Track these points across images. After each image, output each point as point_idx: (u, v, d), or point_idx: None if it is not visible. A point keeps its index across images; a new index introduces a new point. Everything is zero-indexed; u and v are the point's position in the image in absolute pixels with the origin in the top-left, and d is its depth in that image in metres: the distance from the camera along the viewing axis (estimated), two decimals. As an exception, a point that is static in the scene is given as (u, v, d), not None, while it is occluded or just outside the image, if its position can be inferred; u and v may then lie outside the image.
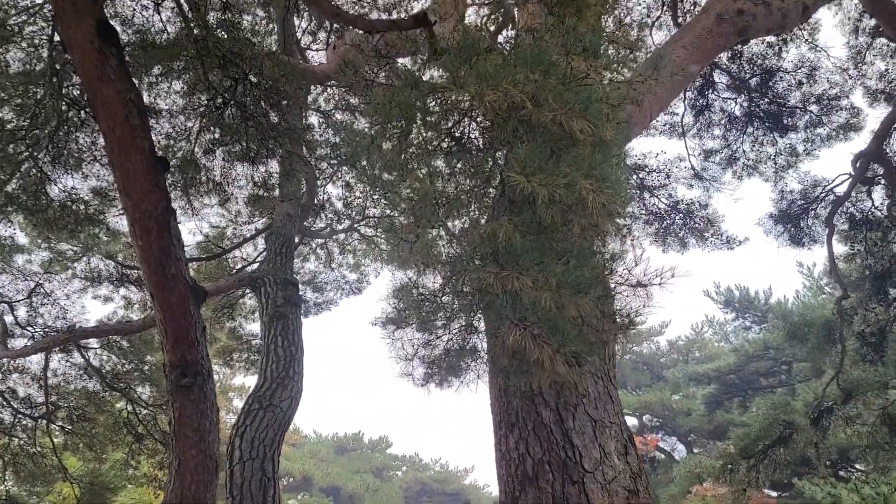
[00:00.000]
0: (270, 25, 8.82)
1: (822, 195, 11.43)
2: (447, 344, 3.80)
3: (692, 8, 10.47)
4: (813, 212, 11.46)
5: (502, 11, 4.02)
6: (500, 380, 4.12)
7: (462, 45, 3.21)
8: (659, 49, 5.66)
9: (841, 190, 11.18)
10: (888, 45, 11.13)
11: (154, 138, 4.44)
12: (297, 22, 9.90)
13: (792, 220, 11.53)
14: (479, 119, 2.93)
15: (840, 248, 11.52)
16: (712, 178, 12.10)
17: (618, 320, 3.25)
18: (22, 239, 11.43)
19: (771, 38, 11.20)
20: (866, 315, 11.27)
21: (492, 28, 3.95)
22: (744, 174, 12.16)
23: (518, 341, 2.75)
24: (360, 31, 9.03)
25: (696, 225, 11.70)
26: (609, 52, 3.06)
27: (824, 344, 10.98)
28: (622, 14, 8.79)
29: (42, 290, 11.27)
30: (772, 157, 11.91)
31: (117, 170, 4.19)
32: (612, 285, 3.23)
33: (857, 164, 10.89)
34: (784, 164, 11.85)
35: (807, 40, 11.19)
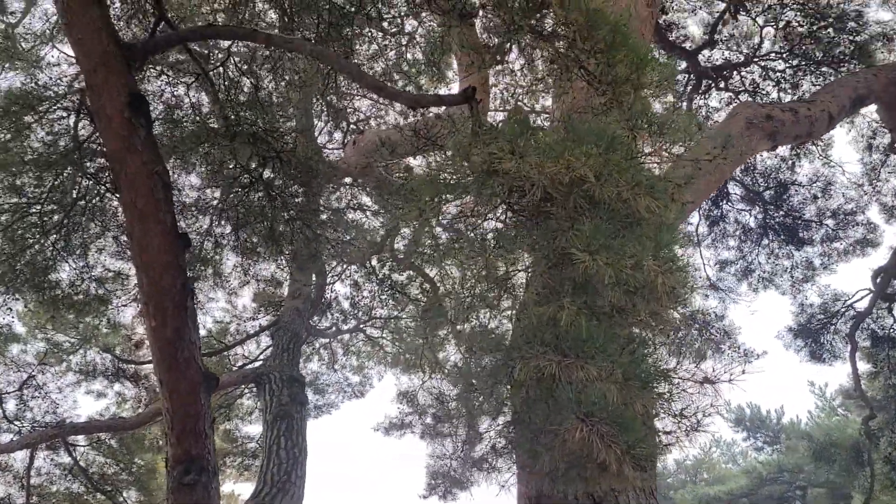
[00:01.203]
0: (289, 123, 8.87)
1: (843, 310, 11.19)
2: (465, 448, 3.44)
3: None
4: (833, 327, 11.18)
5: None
6: (535, 487, 3.73)
7: (515, 120, 3.05)
8: (732, 120, 5.56)
9: (861, 305, 10.96)
10: (903, 163, 11.21)
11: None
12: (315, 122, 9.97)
13: (812, 335, 11.22)
14: (537, 193, 2.71)
15: (863, 366, 11.18)
16: (728, 288, 11.93)
17: (683, 421, 2.92)
18: (19, 328, 11.10)
19: (784, 152, 11.31)
20: (893, 438, 10.79)
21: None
22: (760, 286, 11.97)
23: (584, 440, 2.41)
24: (379, 126, 9.09)
25: (713, 336, 11.40)
26: (675, 129, 2.89)
27: (853, 466, 10.41)
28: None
29: (34, 382, 10.82)
30: (788, 270, 11.75)
31: (136, 245, 3.94)
32: (678, 380, 2.92)
33: (878, 280, 10.73)
34: (801, 278, 11.67)
35: (820, 155, 11.28)
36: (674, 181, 2.94)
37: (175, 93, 4.87)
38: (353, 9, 4.08)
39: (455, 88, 8.94)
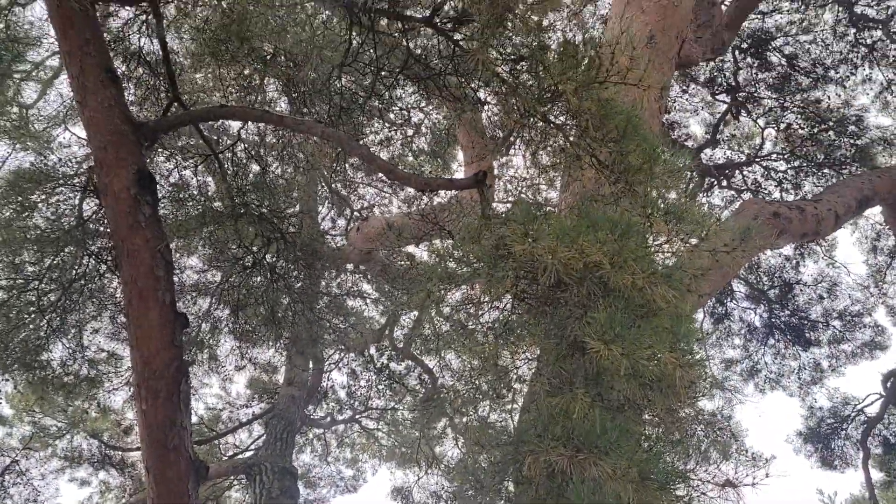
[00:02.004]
0: (294, 207, 8.90)
1: (853, 415, 10.89)
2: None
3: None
4: (844, 432, 10.87)
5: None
6: None
7: (525, 205, 3.00)
8: (739, 216, 5.53)
9: (872, 410, 10.69)
10: (908, 266, 11.17)
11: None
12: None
13: (822, 440, 10.89)
14: (549, 278, 2.62)
15: (876, 475, 10.79)
16: (734, 389, 11.66)
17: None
18: (6, 410, 10.81)
19: (788, 251, 11.31)
20: (908, 552, 10.28)
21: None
22: (767, 387, 11.72)
23: (599, 543, 2.23)
24: (382, 214, 9.11)
25: (719, 438, 11.06)
26: (692, 218, 2.83)
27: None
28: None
29: (17, 467, 10.45)
30: (795, 371, 11.52)
31: (132, 323, 3.83)
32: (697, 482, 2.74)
33: (889, 384, 10.51)
34: (809, 380, 11.43)
35: (824, 256, 11.26)
36: (690, 271, 2.86)
37: (183, 173, 4.86)
38: (362, 96, 4.12)
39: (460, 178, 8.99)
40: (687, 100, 11.35)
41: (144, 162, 4.01)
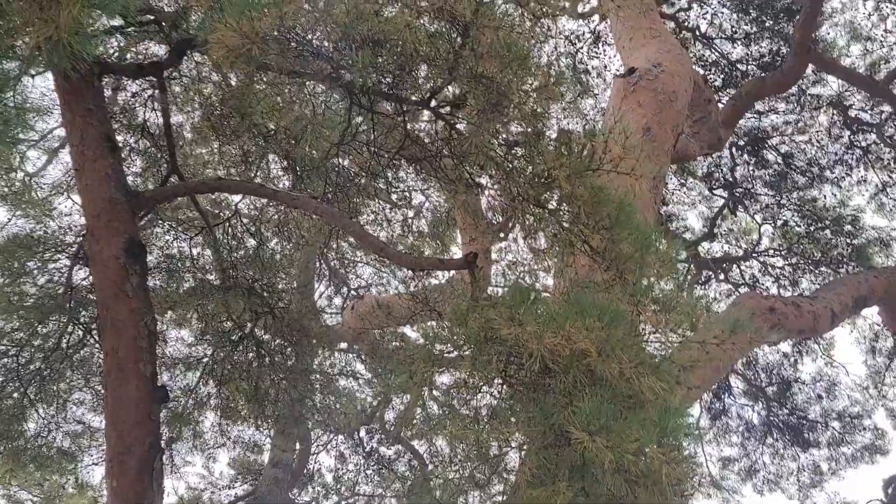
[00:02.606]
0: (289, 282, 8.87)
1: (854, 522, 10.54)
2: None
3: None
4: (846, 540, 10.48)
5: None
6: None
7: (516, 289, 2.97)
8: (735, 310, 5.48)
9: (874, 516, 10.33)
10: (908, 369, 11.04)
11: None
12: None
13: (823, 547, 10.50)
14: (535, 364, 2.57)
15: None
16: (732, 489, 11.34)
17: None
18: (-25, 483, 10.46)
19: (786, 348, 11.21)
20: None
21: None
22: (765, 489, 11.40)
23: None
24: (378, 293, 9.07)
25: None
26: (682, 309, 2.80)
27: None
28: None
29: (-14, 542, 10.03)
30: (794, 472, 11.23)
31: (110, 395, 3.73)
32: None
33: (889, 491, 10.21)
34: (808, 483, 11.12)
35: (822, 354, 11.15)
36: (679, 363, 2.80)
37: (176, 244, 4.86)
38: (359, 175, 4.16)
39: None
40: (685, 193, 11.50)
41: (137, 231, 4.00)
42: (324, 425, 9.25)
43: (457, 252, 9.29)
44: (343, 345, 9.46)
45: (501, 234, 8.79)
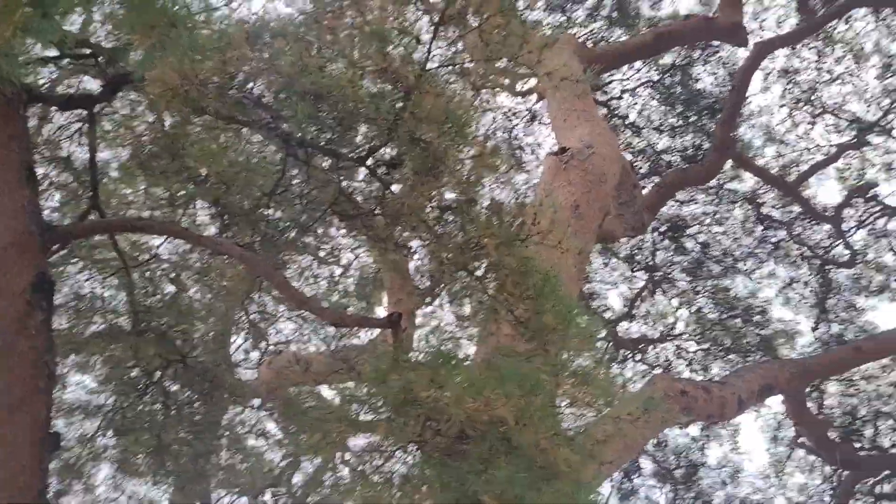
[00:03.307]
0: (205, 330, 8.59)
1: None
2: None
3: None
4: None
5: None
6: None
7: (438, 350, 2.96)
8: (649, 390, 5.55)
9: None
10: (806, 459, 11.41)
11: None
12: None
13: None
14: (452, 429, 2.54)
15: None
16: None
17: None
18: None
19: (695, 432, 11.45)
20: None
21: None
22: (669, 573, 11.42)
23: None
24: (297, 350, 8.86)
25: None
26: (599, 384, 2.83)
27: None
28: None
29: None
30: (698, 557, 11.32)
31: (-3, 437, 3.48)
32: None
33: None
34: (711, 568, 11.21)
35: (729, 440, 11.43)
36: (594, 437, 2.81)
37: (89, 283, 4.66)
38: (288, 226, 4.11)
39: (381, 324, 8.94)
40: (608, 272, 11.81)
41: (47, 267, 3.82)
42: (227, 485, 8.84)
43: (382, 313, 9.22)
44: (256, 401, 9.15)
45: (428, 298, 8.78)
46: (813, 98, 10.27)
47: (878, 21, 9.47)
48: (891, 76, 9.64)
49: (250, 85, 3.10)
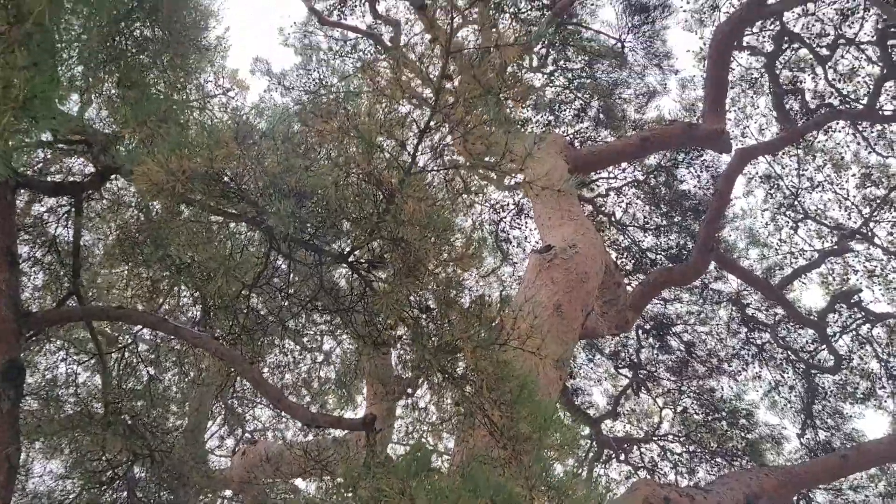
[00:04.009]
0: (178, 421, 8.40)
1: None
2: None
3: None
4: None
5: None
6: None
7: (411, 458, 2.89)
8: (630, 497, 5.39)
9: None
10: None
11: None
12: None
13: None
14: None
15: None
16: None
17: None
18: None
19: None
20: None
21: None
22: None
23: None
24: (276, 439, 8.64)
25: None
26: (579, 500, 2.76)
27: None
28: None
29: None
30: None
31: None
32: None
33: None
34: None
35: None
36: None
37: (63, 366, 4.58)
38: (268, 319, 4.08)
39: (361, 413, 8.80)
40: (592, 369, 11.73)
41: (19, 353, 3.75)
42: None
43: (362, 403, 9.06)
44: (228, 492, 8.86)
45: (409, 390, 8.66)
46: (795, 203, 10.50)
47: (856, 133, 9.79)
48: (870, 185, 9.91)
49: (236, 182, 3.14)
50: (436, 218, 2.86)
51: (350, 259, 3.52)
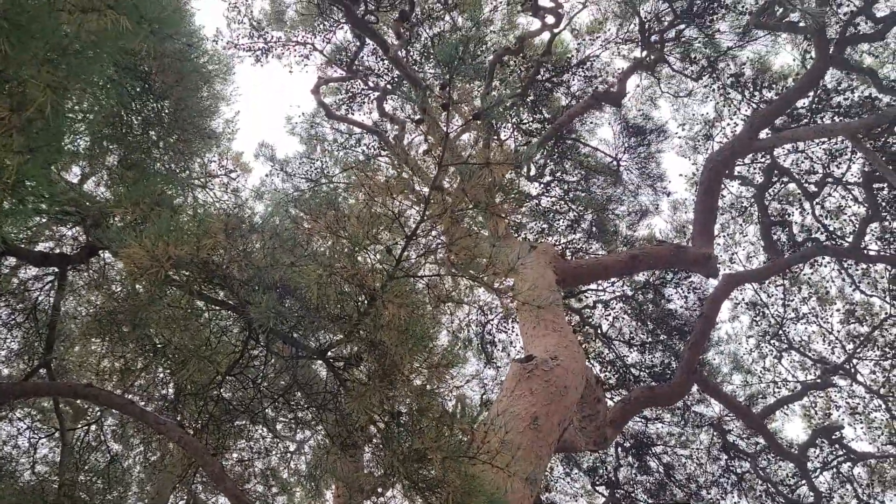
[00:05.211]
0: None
1: None
2: None
3: None
4: None
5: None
6: None
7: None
8: None
9: None
10: None
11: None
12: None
13: None
14: None
15: None
16: None
17: None
18: None
19: None
20: None
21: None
22: None
23: None
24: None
25: None
26: None
27: None
28: None
29: None
30: None
31: None
32: None
33: None
34: None
35: None
36: None
37: (24, 438, 4.46)
38: (241, 408, 4.02)
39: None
40: (569, 483, 11.44)
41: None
42: None
43: (331, 499, 8.75)
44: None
45: (380, 489, 8.40)
46: (779, 333, 10.55)
47: (841, 269, 9.96)
48: (854, 322, 9.99)
49: (222, 268, 3.16)
50: (414, 325, 2.87)
51: (327, 356, 3.50)
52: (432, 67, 11.55)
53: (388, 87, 12.53)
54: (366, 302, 3.05)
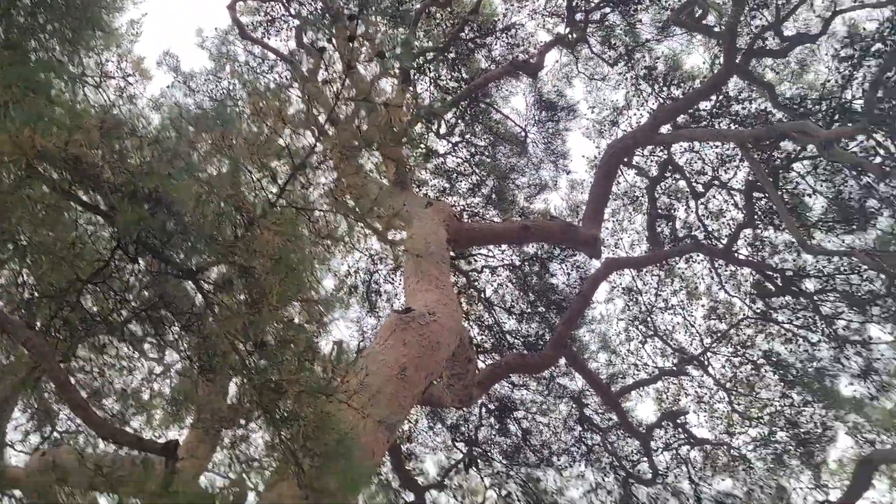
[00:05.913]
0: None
1: None
2: None
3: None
4: None
5: None
6: None
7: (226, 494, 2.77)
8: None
9: None
10: None
11: None
12: None
13: None
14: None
15: None
16: None
17: None
18: None
19: None
20: None
21: None
22: None
23: None
24: None
25: None
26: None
27: None
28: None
29: None
30: None
31: None
32: None
33: None
34: None
35: None
36: None
37: None
38: (98, 320, 3.85)
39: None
40: (431, 437, 11.73)
41: None
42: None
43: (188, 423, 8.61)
44: (17, 492, 8.12)
45: (242, 420, 8.32)
46: (647, 320, 11.12)
47: (712, 268, 10.58)
48: (714, 319, 10.67)
49: (94, 170, 3.00)
50: (288, 255, 2.83)
51: (196, 276, 3.40)
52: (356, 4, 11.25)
53: (310, 17, 12.13)
54: (244, 225, 2.98)
